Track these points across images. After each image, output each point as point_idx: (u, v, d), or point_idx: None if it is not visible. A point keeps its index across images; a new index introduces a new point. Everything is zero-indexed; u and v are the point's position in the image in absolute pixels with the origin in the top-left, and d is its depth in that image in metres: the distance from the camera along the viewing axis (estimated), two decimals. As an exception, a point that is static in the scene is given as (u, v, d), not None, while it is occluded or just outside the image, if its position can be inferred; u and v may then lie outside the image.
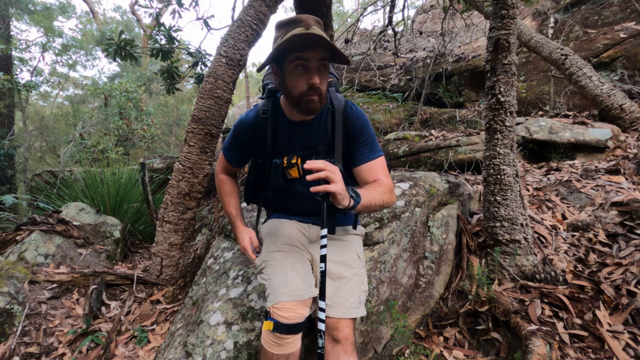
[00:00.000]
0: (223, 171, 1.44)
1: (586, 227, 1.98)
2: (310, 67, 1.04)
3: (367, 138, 1.22)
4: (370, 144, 1.22)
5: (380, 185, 1.16)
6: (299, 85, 1.06)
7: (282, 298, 1.12)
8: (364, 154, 1.21)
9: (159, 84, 8.77)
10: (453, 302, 1.80)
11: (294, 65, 1.04)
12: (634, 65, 4.29)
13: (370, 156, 1.21)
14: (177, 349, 1.54)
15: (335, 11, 17.73)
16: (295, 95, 1.09)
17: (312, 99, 1.08)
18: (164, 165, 5.08)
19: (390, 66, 7.00)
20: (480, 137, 3.51)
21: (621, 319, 1.42)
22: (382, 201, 1.12)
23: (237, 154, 1.37)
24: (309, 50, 1.02)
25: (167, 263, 2.44)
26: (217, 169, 1.45)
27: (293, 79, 1.07)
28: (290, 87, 1.09)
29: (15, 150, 7.00)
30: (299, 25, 1.03)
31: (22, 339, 1.89)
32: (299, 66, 1.04)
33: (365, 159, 1.21)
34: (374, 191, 1.11)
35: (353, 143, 1.23)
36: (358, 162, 1.21)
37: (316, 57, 1.03)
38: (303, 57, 1.02)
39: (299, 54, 1.02)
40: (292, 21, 1.04)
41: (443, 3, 5.57)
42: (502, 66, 1.80)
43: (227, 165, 1.41)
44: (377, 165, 1.21)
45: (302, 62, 1.03)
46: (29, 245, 2.35)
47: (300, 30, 1.00)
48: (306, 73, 1.05)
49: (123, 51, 3.49)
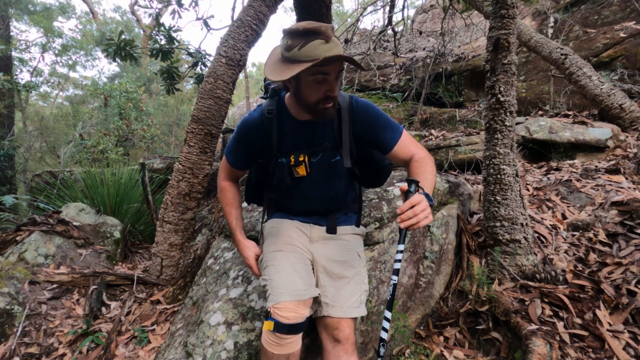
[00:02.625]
0: (226, 178, 1.40)
1: (586, 227, 1.98)
2: (329, 80, 1.05)
3: (384, 122, 1.23)
4: (389, 125, 1.23)
5: (420, 162, 1.17)
6: (316, 95, 1.07)
7: (282, 298, 1.12)
8: (388, 136, 1.22)
9: (159, 84, 8.78)
10: (453, 302, 1.80)
11: (314, 78, 1.04)
12: (633, 64, 4.29)
13: (395, 137, 1.22)
14: (178, 349, 1.54)
15: (335, 11, 17.72)
16: (310, 103, 1.10)
17: (327, 107, 1.10)
18: (164, 165, 5.08)
19: (390, 66, 7.00)
20: (480, 136, 3.51)
21: (621, 319, 1.42)
22: (434, 175, 1.14)
23: (242, 156, 1.33)
24: (331, 64, 1.02)
25: (167, 263, 2.44)
26: (219, 177, 1.41)
27: (310, 90, 1.07)
28: (306, 96, 1.10)
29: (15, 151, 7.00)
30: (318, 37, 0.98)
31: (23, 340, 1.89)
32: (319, 80, 1.04)
33: (394, 141, 1.22)
34: (428, 175, 1.12)
35: (369, 132, 1.23)
36: (389, 146, 1.22)
37: (335, 70, 1.04)
38: (324, 71, 1.03)
39: (321, 69, 1.02)
40: (310, 32, 0.98)
41: (443, 3, 5.57)
42: (502, 66, 1.80)
43: (231, 169, 1.38)
44: (405, 141, 1.23)
45: (322, 77, 1.04)
46: (29, 245, 2.35)
47: (322, 43, 0.98)
48: (324, 84, 1.06)
49: (123, 51, 3.49)
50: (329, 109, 1.11)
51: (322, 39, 0.98)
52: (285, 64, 1.03)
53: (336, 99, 1.11)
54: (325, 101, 1.08)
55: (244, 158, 1.34)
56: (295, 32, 1.00)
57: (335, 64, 1.03)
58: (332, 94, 1.07)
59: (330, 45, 0.99)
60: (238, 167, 1.36)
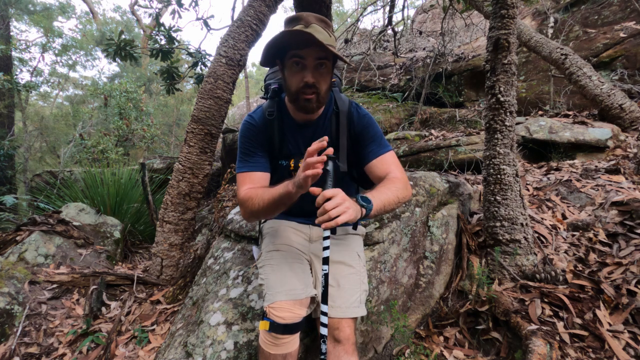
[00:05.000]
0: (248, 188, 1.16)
1: (586, 227, 1.98)
2: (306, 65, 1.05)
3: (374, 134, 1.21)
4: (377, 139, 1.20)
5: (393, 181, 1.10)
6: (295, 82, 1.08)
7: (278, 297, 1.12)
8: (372, 150, 1.19)
9: (159, 84, 8.77)
10: (453, 302, 1.80)
11: (292, 62, 1.06)
12: (633, 64, 4.29)
13: (379, 151, 1.19)
14: (178, 349, 1.54)
15: (335, 11, 17.72)
16: (292, 92, 1.11)
17: (308, 98, 1.08)
18: (164, 165, 5.09)
19: (390, 66, 6.99)
20: (480, 136, 3.51)
21: (621, 319, 1.42)
22: (397, 198, 1.06)
23: (258, 155, 1.21)
24: (305, 48, 1.03)
25: (167, 263, 2.44)
26: (238, 194, 1.17)
27: (291, 75, 1.09)
28: (289, 83, 1.11)
29: (15, 151, 7.00)
30: (299, 22, 1.05)
31: (23, 340, 1.89)
32: (295, 63, 1.06)
33: (374, 155, 1.18)
34: (386, 191, 1.05)
35: (359, 142, 1.22)
36: (368, 158, 1.18)
37: (312, 56, 1.04)
38: (299, 54, 1.04)
39: (296, 52, 1.04)
40: (295, 19, 1.07)
41: (443, 3, 5.57)
42: (502, 66, 1.80)
43: (251, 176, 1.18)
44: (387, 158, 1.18)
45: (298, 60, 1.05)
46: (29, 245, 2.35)
47: (301, 27, 1.02)
48: (302, 70, 1.06)
49: (123, 51, 3.49)
50: (310, 100, 1.09)
51: (302, 24, 1.04)
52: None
53: (321, 92, 1.09)
54: (304, 90, 1.07)
55: (262, 157, 1.22)
56: (285, 21, 1.10)
57: (311, 50, 1.03)
58: (309, 80, 1.05)
59: (308, 29, 1.01)
60: (259, 167, 1.20)
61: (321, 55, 1.05)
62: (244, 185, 1.17)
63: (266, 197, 1.06)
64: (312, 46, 1.02)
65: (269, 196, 1.05)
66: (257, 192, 1.11)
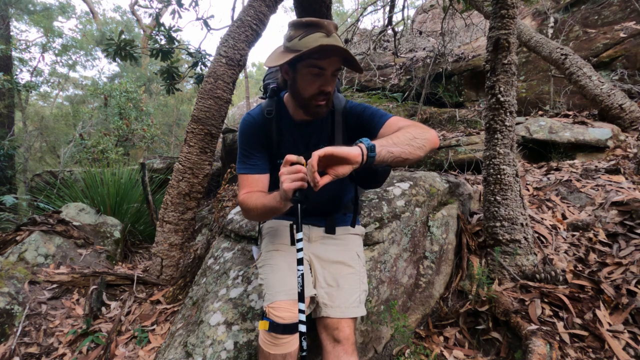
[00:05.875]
0: (247, 191, 1.19)
1: (586, 227, 1.98)
2: (325, 75, 1.04)
3: (372, 112, 1.17)
4: (376, 112, 1.16)
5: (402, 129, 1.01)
6: (310, 89, 1.07)
7: (277, 297, 1.12)
8: (375, 122, 1.14)
9: (159, 84, 8.77)
10: (453, 302, 1.80)
11: (310, 70, 1.04)
12: (633, 64, 4.29)
13: (383, 119, 1.12)
14: (177, 349, 1.54)
15: (335, 11, 17.72)
16: (305, 97, 1.09)
17: (320, 104, 1.09)
18: (164, 165, 5.09)
19: (390, 66, 6.99)
20: (480, 136, 3.51)
21: (621, 319, 1.42)
22: (413, 135, 0.95)
23: (256, 157, 1.21)
24: (328, 59, 1.02)
25: (167, 263, 2.44)
26: (239, 195, 1.20)
27: (305, 82, 1.07)
28: (301, 89, 1.09)
29: (15, 151, 7.00)
30: (319, 30, 1.00)
31: (22, 339, 1.89)
32: (315, 73, 1.04)
33: (379, 125, 1.12)
34: (396, 132, 0.97)
35: (360, 128, 1.18)
36: (375, 130, 1.12)
37: (332, 66, 1.04)
38: (320, 65, 1.02)
39: (317, 62, 1.02)
40: (312, 24, 1.01)
41: (443, 3, 5.57)
42: (502, 66, 1.80)
43: (249, 179, 1.19)
44: (393, 121, 1.10)
45: (318, 71, 1.03)
46: (29, 245, 2.35)
47: (322, 36, 0.99)
48: (320, 79, 1.05)
49: (123, 51, 3.49)
50: (322, 106, 1.09)
51: (323, 33, 1.00)
52: (284, 53, 1.05)
53: (331, 98, 1.10)
54: (318, 97, 1.07)
55: (261, 157, 1.22)
56: (299, 23, 1.03)
57: (332, 60, 1.02)
58: (326, 89, 1.05)
59: (331, 39, 0.99)
60: (259, 170, 1.21)
61: (339, 66, 1.06)
62: (242, 189, 1.20)
63: (259, 204, 1.10)
64: (333, 57, 1.02)
65: (261, 204, 1.09)
66: (252, 197, 1.14)
